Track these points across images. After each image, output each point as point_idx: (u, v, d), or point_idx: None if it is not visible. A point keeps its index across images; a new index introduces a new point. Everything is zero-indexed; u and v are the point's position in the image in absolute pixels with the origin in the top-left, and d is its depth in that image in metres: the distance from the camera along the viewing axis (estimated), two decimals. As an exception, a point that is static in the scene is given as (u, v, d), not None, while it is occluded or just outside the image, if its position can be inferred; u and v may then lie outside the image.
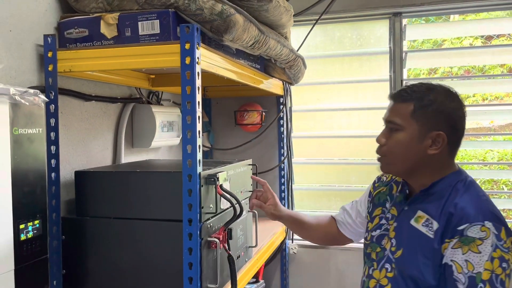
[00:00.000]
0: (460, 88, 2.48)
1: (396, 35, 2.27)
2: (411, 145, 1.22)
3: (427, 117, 1.21)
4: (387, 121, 1.28)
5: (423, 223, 1.22)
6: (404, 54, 2.27)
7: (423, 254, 1.19)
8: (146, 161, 1.81)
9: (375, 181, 1.50)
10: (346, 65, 2.41)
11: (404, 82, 2.27)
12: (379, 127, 2.40)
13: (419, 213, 1.24)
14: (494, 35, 2.71)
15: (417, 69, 3.42)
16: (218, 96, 2.49)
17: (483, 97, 3.53)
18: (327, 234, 1.61)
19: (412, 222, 1.24)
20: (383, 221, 1.36)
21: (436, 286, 1.17)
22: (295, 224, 1.64)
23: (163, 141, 1.91)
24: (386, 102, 1.31)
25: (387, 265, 1.28)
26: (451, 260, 1.13)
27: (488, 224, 1.12)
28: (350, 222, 1.55)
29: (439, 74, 3.10)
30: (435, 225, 1.19)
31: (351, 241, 1.59)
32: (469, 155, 3.62)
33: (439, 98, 1.22)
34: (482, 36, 3.19)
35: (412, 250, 1.22)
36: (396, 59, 2.27)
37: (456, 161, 1.31)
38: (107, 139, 1.67)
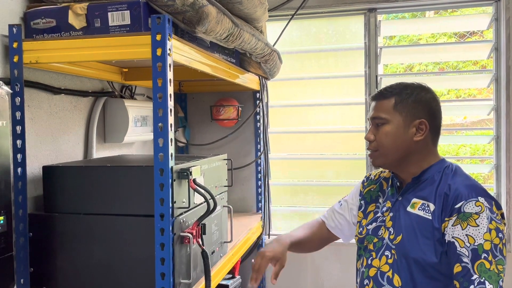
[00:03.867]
0: (435, 84, 2.52)
1: (371, 31, 2.29)
2: (398, 135, 1.33)
3: (408, 107, 1.33)
4: (373, 118, 1.38)
5: (420, 207, 1.31)
6: (379, 49, 2.29)
7: (423, 234, 1.28)
8: (118, 156, 1.78)
9: (363, 180, 1.57)
10: (322, 61, 2.41)
11: (379, 77, 2.29)
12: (356, 122, 2.43)
13: (414, 200, 1.33)
14: (467, 32, 2.76)
15: (392, 65, 3.46)
16: (194, 91, 2.46)
17: (456, 94, 3.60)
18: (321, 240, 1.63)
19: (409, 209, 1.33)
20: (379, 214, 1.43)
21: (438, 263, 1.25)
22: (299, 248, 1.58)
23: (137, 136, 1.87)
24: (362, 97, 1.35)
25: (387, 252, 1.34)
26: (453, 237, 1.22)
27: (481, 199, 1.22)
28: (343, 224, 1.57)
29: (415, 71, 3.15)
30: (432, 206, 1.28)
31: (337, 238, 1.63)
32: (443, 150, 3.68)
33: (416, 91, 1.36)
34: (455, 34, 3.25)
35: (411, 233, 1.30)
36: (371, 55, 2.29)
37: None
38: (78, 134, 1.63)
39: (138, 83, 1.96)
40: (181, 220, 1.25)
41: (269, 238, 2.43)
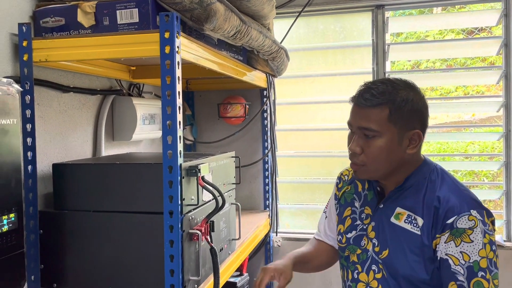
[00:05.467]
0: (442, 81, 2.52)
1: (379, 28, 2.28)
2: (391, 149, 1.19)
3: (403, 118, 1.18)
4: (360, 127, 1.20)
5: (406, 220, 1.21)
6: (387, 46, 2.27)
7: (412, 251, 1.19)
8: (126, 154, 1.78)
9: (337, 182, 1.46)
10: (329, 58, 2.40)
11: (386, 74, 2.28)
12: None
13: (398, 209, 1.23)
14: (476, 28, 2.74)
15: (399, 62, 3.44)
16: (201, 89, 2.46)
17: (464, 91, 3.57)
18: (327, 255, 1.49)
19: (393, 219, 1.24)
20: (358, 222, 1.32)
21: (429, 279, 1.18)
22: (302, 263, 1.44)
23: (145, 134, 1.88)
24: None
25: (374, 267, 1.26)
26: (446, 254, 1.14)
27: (474, 212, 1.15)
28: (335, 237, 1.45)
29: (422, 68, 3.13)
30: (420, 220, 1.19)
31: None
32: (451, 148, 3.67)
33: (409, 95, 1.20)
34: (463, 31, 3.22)
35: (398, 249, 1.21)
36: (379, 52, 2.28)
37: (437, 153, 1.32)
38: (86, 132, 1.64)
39: (146, 81, 1.96)
40: (190, 217, 1.25)
41: (276, 235, 2.43)
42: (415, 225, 1.19)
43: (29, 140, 1.27)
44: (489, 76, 2.33)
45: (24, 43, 1.26)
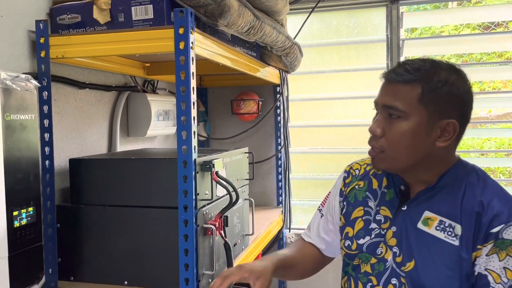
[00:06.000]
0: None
1: (393, 23, 2.25)
2: (418, 136, 0.99)
3: (438, 102, 0.98)
4: (385, 105, 1.02)
5: (438, 227, 1.02)
6: (401, 42, 2.25)
7: (446, 265, 0.99)
8: (141, 149, 1.80)
9: (344, 176, 1.24)
10: (343, 54, 2.39)
11: (401, 70, 2.25)
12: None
13: (427, 214, 1.04)
14: (492, 23, 2.69)
15: (414, 57, 3.39)
16: (214, 85, 2.47)
17: (480, 87, 3.52)
18: (313, 260, 1.29)
19: (420, 225, 1.04)
20: (373, 225, 1.11)
21: None
22: (284, 269, 1.21)
23: (159, 130, 1.89)
24: None
25: (394, 280, 1.06)
26: (486, 269, 0.97)
27: None
28: (331, 240, 1.27)
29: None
30: (458, 229, 0.99)
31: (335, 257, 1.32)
32: (467, 145, 3.62)
33: (450, 78, 1.00)
34: (480, 26, 3.18)
35: (428, 261, 1.01)
36: (393, 47, 2.26)
37: None
38: (102, 128, 1.66)
39: (160, 77, 1.98)
40: (204, 212, 1.26)
41: (289, 231, 2.43)
42: (450, 233, 1.00)
43: (46, 135, 1.29)
44: (505, 71, 2.30)
45: (41, 40, 1.28)
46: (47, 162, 1.29)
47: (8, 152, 1.03)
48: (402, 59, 2.28)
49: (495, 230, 0.97)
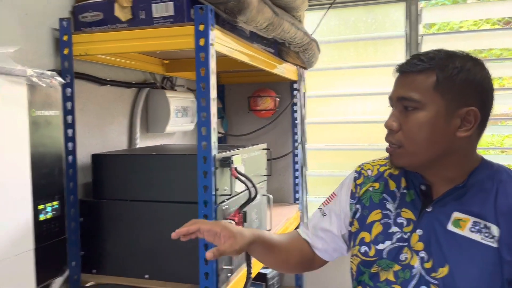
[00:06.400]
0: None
1: (412, 19, 2.23)
2: (436, 127, 0.93)
3: (455, 89, 0.93)
4: (400, 98, 0.97)
5: (472, 228, 0.94)
6: (420, 38, 2.23)
7: (485, 269, 0.91)
8: (161, 145, 1.83)
9: (355, 176, 1.16)
10: (360, 50, 2.38)
11: (420, 66, 2.23)
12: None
13: (457, 214, 0.96)
14: (513, 17, 2.64)
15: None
16: (231, 82, 2.48)
17: (500, 83, 3.45)
18: (302, 256, 1.19)
19: (451, 227, 0.96)
20: (394, 229, 1.02)
21: None
22: (265, 247, 1.13)
23: (178, 126, 1.91)
24: None
25: None
26: None
27: None
28: (329, 242, 1.16)
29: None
30: (495, 229, 0.92)
31: (326, 263, 1.21)
32: (487, 142, 3.56)
33: (466, 64, 0.94)
34: (500, 21, 3.12)
35: (465, 266, 0.92)
36: (412, 43, 2.24)
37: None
38: (122, 124, 1.69)
39: (179, 74, 2.00)
40: (224, 207, 1.27)
41: (306, 228, 2.43)
42: (487, 235, 0.92)
43: (69, 131, 1.32)
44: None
45: (65, 38, 1.31)
46: (70, 157, 1.32)
47: (34, 147, 1.05)
48: (420, 55, 2.26)
49: None
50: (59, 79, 1.10)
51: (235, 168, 1.30)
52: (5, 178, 0.98)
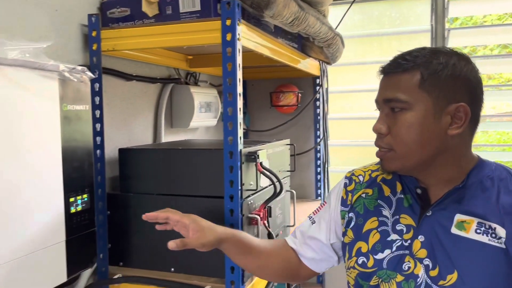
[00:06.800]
0: (502, 67, 2.39)
1: (439, 12, 2.19)
2: (426, 127, 0.90)
3: (441, 85, 0.90)
4: (386, 100, 0.94)
5: (478, 230, 0.89)
6: (446, 32, 2.19)
7: (496, 272, 0.86)
8: (186, 140, 1.84)
9: (345, 182, 1.11)
10: (384, 45, 2.35)
11: (446, 61, 2.19)
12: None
13: (460, 216, 0.91)
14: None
15: (455, 49, 3.28)
16: (253, 78, 2.48)
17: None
18: (286, 264, 1.14)
19: (455, 230, 0.91)
20: (393, 236, 0.96)
21: None
22: (240, 248, 1.11)
23: (201, 121, 1.92)
24: None
25: None
26: None
27: None
28: (318, 251, 1.11)
29: (479, 54, 2.98)
30: (500, 230, 0.87)
31: (315, 274, 1.16)
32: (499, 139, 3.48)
33: (451, 60, 0.91)
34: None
35: (475, 270, 0.87)
36: (438, 38, 2.20)
37: (497, 143, 1.09)
38: (147, 119, 1.70)
39: (202, 70, 2.01)
40: (249, 202, 1.28)
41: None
42: (494, 236, 0.87)
43: (98, 126, 1.34)
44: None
45: (93, 33, 1.32)
46: (98, 151, 1.34)
47: (65, 141, 1.07)
48: (446, 49, 2.22)
49: None
50: (89, 74, 1.12)
51: (261, 163, 1.30)
52: (40, 171, 1.00)
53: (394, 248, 0.95)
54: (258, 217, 1.29)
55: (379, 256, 0.96)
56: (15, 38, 1.01)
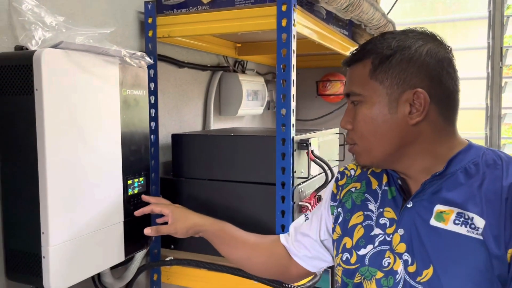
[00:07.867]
0: None
1: (497, -2, 2.09)
2: (382, 118, 0.85)
3: (392, 72, 0.83)
4: (345, 94, 0.92)
5: (456, 220, 0.81)
6: (506, 18, 2.08)
7: (474, 266, 0.78)
8: (234, 127, 1.85)
9: (337, 177, 1.07)
10: (438, 32, 2.25)
11: (504, 49, 2.09)
12: (476, 98, 2.25)
13: (440, 207, 0.84)
14: None
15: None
16: (299, 66, 2.44)
17: None
18: (273, 260, 1.12)
19: (434, 222, 0.83)
20: (376, 231, 0.91)
21: None
22: (222, 238, 1.14)
23: (248, 109, 1.93)
24: (483, 72, 0.87)
25: None
26: None
27: None
28: (309, 248, 1.08)
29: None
30: (478, 220, 0.79)
31: (309, 274, 1.13)
32: None
33: (405, 42, 0.84)
34: None
35: (451, 264, 0.80)
36: (496, 25, 2.09)
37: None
38: (197, 106, 1.72)
39: (250, 58, 2.00)
40: (300, 190, 1.27)
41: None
42: (472, 226, 0.80)
43: (152, 111, 1.37)
44: None
45: (149, 20, 1.35)
46: (152, 136, 1.37)
47: (124, 125, 1.10)
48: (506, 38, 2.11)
49: None
50: (148, 59, 1.14)
51: (312, 151, 1.29)
52: (102, 154, 1.03)
53: (376, 243, 0.90)
54: (308, 205, 1.28)
55: (362, 251, 0.91)
56: (79, 24, 1.04)
